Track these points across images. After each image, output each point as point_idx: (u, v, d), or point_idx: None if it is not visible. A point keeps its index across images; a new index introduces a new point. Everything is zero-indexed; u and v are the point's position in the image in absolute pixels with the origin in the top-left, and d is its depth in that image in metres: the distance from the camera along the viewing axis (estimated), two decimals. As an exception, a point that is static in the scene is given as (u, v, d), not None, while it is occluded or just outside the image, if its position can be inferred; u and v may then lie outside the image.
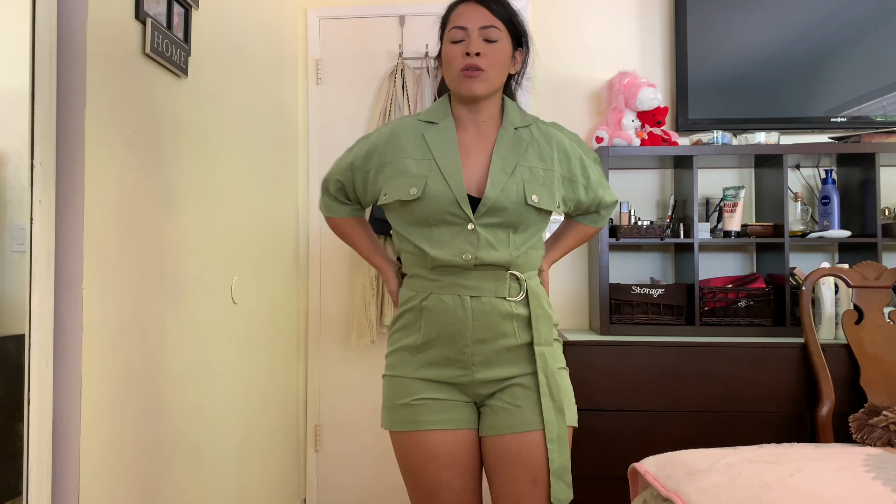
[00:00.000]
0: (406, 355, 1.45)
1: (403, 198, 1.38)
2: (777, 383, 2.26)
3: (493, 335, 1.40)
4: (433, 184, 1.38)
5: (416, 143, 1.44)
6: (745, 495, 1.37)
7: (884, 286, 2.18)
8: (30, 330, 1.35)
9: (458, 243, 1.38)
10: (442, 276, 1.41)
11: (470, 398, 1.44)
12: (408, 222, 1.43)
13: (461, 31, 1.40)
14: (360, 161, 1.50)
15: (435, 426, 1.40)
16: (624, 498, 2.26)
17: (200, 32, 1.98)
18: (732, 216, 2.52)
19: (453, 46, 1.41)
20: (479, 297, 1.39)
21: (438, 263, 1.39)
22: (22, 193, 1.37)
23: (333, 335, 2.95)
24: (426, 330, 1.42)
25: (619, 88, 2.63)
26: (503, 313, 1.40)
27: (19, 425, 1.34)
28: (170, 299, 1.81)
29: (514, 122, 1.47)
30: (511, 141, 1.44)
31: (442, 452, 1.40)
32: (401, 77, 2.84)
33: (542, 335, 1.42)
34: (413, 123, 1.48)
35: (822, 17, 2.67)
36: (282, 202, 2.73)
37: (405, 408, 1.42)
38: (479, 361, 1.40)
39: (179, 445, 1.85)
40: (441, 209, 1.38)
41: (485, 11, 1.40)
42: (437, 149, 1.42)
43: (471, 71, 1.38)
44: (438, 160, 1.40)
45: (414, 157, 1.42)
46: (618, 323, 2.49)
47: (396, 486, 2.91)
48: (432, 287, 1.41)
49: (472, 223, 1.38)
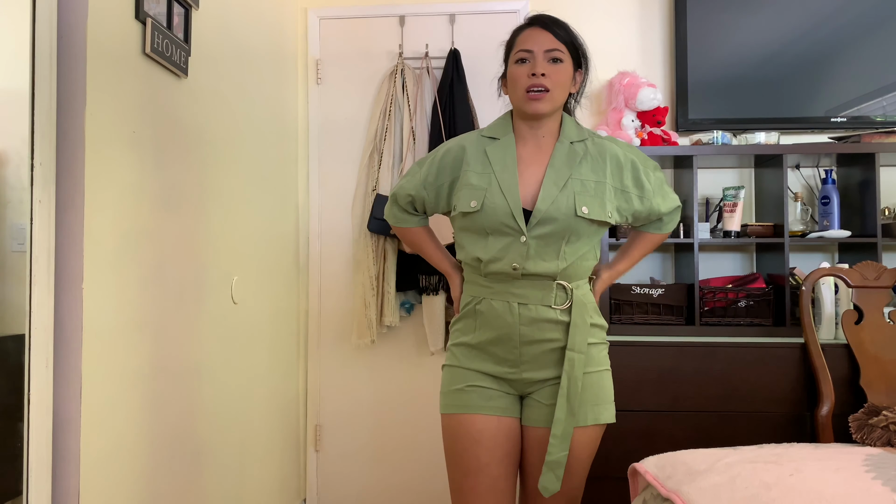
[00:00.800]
0: (464, 349, 1.59)
1: (465, 210, 1.52)
2: (777, 383, 2.26)
3: (539, 339, 1.52)
4: (491, 196, 1.50)
5: (478, 157, 1.56)
6: (745, 495, 1.37)
7: (884, 286, 2.18)
8: (30, 330, 1.35)
9: (509, 254, 1.50)
10: (494, 283, 1.54)
11: (516, 391, 1.58)
12: (467, 232, 1.56)
13: (527, 52, 1.51)
14: (432, 177, 1.61)
15: (482, 411, 1.54)
16: (624, 498, 2.26)
17: (200, 32, 1.98)
18: (732, 216, 2.52)
19: (519, 67, 1.52)
20: (527, 304, 1.52)
21: (490, 271, 1.52)
22: (22, 193, 1.37)
23: (333, 335, 2.95)
24: (480, 331, 1.56)
25: (618, 88, 2.63)
26: (548, 320, 1.52)
27: (19, 425, 1.35)
28: (170, 299, 1.81)
29: (570, 137, 1.56)
30: (566, 154, 1.54)
31: (486, 437, 1.53)
32: (401, 77, 2.84)
33: (576, 342, 1.51)
34: (476, 139, 1.60)
35: (822, 17, 2.67)
36: (282, 202, 2.73)
37: (457, 393, 1.56)
38: (526, 361, 1.54)
39: (179, 445, 1.85)
40: (498, 220, 1.50)
41: (549, 36, 1.50)
42: (497, 163, 1.54)
43: (535, 92, 1.49)
44: (497, 174, 1.52)
45: (476, 171, 1.55)
46: (618, 323, 2.49)
47: (396, 486, 2.91)
48: (485, 293, 1.55)
49: (524, 236, 1.49)
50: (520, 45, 1.52)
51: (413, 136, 2.81)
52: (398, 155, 2.84)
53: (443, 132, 2.74)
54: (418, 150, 2.81)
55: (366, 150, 2.87)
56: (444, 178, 1.60)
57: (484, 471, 1.52)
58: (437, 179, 1.61)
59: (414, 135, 2.81)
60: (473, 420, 1.53)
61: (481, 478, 1.52)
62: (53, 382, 1.42)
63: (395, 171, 2.83)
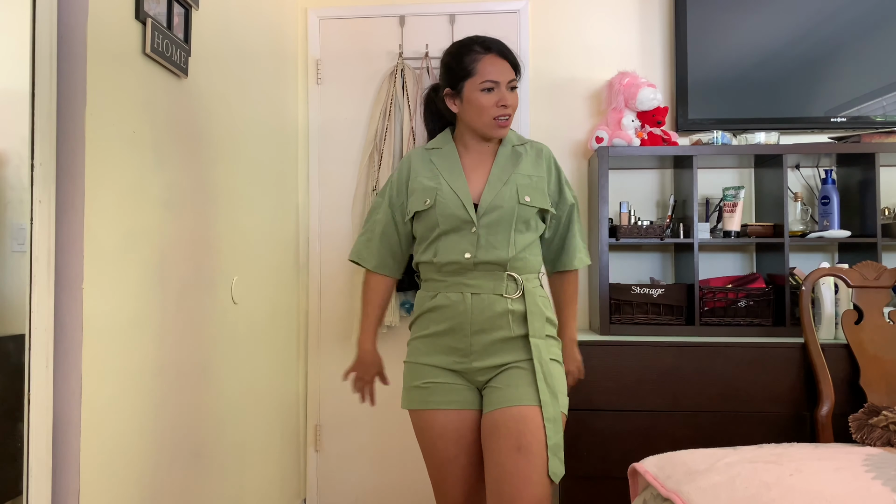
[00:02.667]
0: (419, 344, 1.69)
1: (419, 208, 1.65)
2: (777, 383, 2.26)
3: (490, 328, 1.61)
4: (442, 194, 1.64)
5: (425, 165, 1.71)
6: (745, 495, 1.37)
7: (883, 286, 2.19)
8: (30, 330, 1.35)
9: (462, 245, 1.62)
10: (448, 276, 1.64)
11: (472, 383, 1.65)
12: (424, 230, 1.68)
13: (493, 83, 1.62)
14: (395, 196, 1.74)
15: (441, 406, 1.62)
16: (624, 498, 2.26)
17: (200, 32, 1.98)
18: (732, 216, 2.52)
19: (486, 95, 1.62)
20: (479, 293, 1.62)
21: (445, 262, 1.63)
22: (22, 193, 1.37)
23: (333, 335, 2.95)
24: (435, 323, 1.65)
25: (618, 88, 2.62)
26: (500, 309, 1.60)
27: (19, 425, 1.35)
28: (170, 299, 1.81)
29: (512, 142, 1.73)
30: (509, 156, 1.70)
31: (450, 430, 1.62)
32: (401, 77, 2.84)
33: (535, 329, 1.61)
34: (421, 152, 1.75)
35: (822, 17, 2.67)
36: (282, 202, 2.73)
37: (418, 389, 1.65)
38: (476, 351, 1.62)
39: (179, 445, 1.85)
40: (449, 212, 1.62)
41: (508, 67, 1.65)
42: (443, 168, 1.69)
43: (503, 120, 1.64)
44: (445, 176, 1.67)
45: (424, 176, 1.69)
46: (618, 323, 2.49)
47: (396, 486, 2.91)
48: (440, 287, 1.66)
49: (474, 226, 1.61)
50: (485, 75, 1.62)
51: (413, 136, 2.81)
52: (398, 155, 2.84)
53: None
54: (418, 150, 2.81)
55: (366, 150, 2.87)
56: (403, 193, 1.73)
57: (454, 461, 1.62)
58: (400, 196, 1.73)
59: (414, 135, 2.81)
60: (436, 416, 1.62)
61: (451, 468, 1.62)
62: (53, 382, 1.42)
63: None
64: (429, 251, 1.67)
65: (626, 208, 2.62)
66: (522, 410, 1.54)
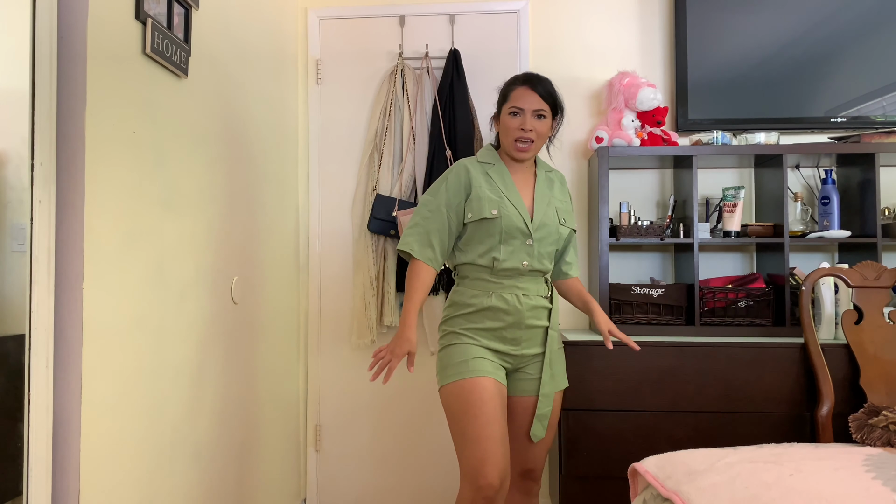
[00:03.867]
0: (471, 333, 1.89)
1: (486, 216, 1.87)
2: (777, 383, 2.26)
3: (535, 323, 1.91)
4: (506, 207, 1.88)
5: (482, 177, 1.93)
6: (745, 495, 1.37)
7: (883, 286, 2.19)
8: (30, 330, 1.35)
9: (520, 254, 1.89)
10: (504, 279, 1.89)
11: (511, 365, 1.93)
12: (480, 236, 1.90)
13: (518, 109, 1.88)
14: (454, 199, 1.92)
15: (490, 375, 1.85)
16: (624, 498, 2.26)
17: (200, 32, 1.98)
18: (732, 216, 2.52)
19: (512, 118, 1.90)
20: (528, 295, 1.90)
21: (503, 268, 1.88)
22: (22, 193, 1.37)
23: (333, 335, 2.95)
24: (490, 319, 1.88)
25: (618, 88, 2.63)
26: (542, 306, 1.93)
27: (19, 425, 1.35)
28: (170, 299, 1.81)
29: (544, 168, 2.02)
30: (545, 181, 1.99)
31: (494, 395, 1.83)
32: (401, 77, 2.84)
33: (554, 322, 1.95)
34: (474, 163, 1.96)
35: (822, 17, 2.67)
36: (282, 202, 2.73)
37: (465, 363, 1.85)
38: (525, 340, 1.91)
39: (179, 445, 1.85)
40: (513, 226, 1.87)
41: (537, 97, 1.88)
42: (500, 183, 1.92)
43: (523, 144, 1.89)
44: (504, 191, 1.91)
45: (485, 187, 1.91)
46: (618, 323, 2.49)
47: (396, 486, 2.91)
48: (494, 288, 1.89)
49: (531, 239, 1.89)
50: (513, 102, 1.89)
51: (413, 136, 2.81)
52: (398, 155, 2.84)
53: (443, 132, 2.74)
54: (418, 150, 2.81)
55: (366, 151, 2.87)
56: (460, 196, 1.92)
57: (498, 421, 1.81)
58: (456, 198, 1.92)
59: (414, 135, 2.81)
60: (485, 382, 1.83)
61: (497, 427, 1.80)
62: (53, 382, 1.42)
63: (395, 171, 2.83)
64: (486, 256, 1.89)
65: (626, 208, 2.62)
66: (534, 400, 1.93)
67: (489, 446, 1.76)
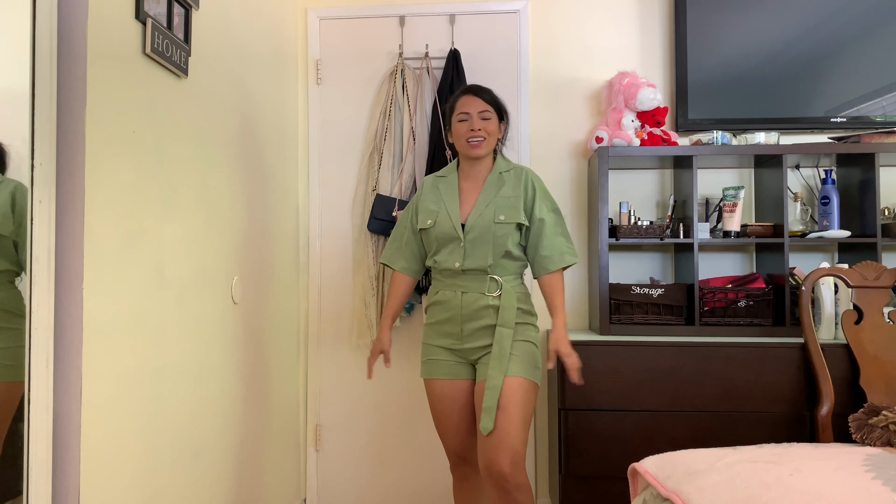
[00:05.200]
0: (428, 329, 2.15)
1: (423, 226, 2.12)
2: (777, 383, 2.26)
3: (477, 317, 2.04)
4: (441, 217, 2.08)
5: (432, 191, 2.16)
6: (745, 495, 1.37)
7: (883, 286, 2.19)
8: (30, 330, 1.35)
9: (453, 255, 2.06)
10: (446, 278, 2.10)
11: (465, 360, 2.09)
12: (428, 242, 2.14)
13: (465, 114, 2.07)
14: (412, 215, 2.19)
15: (440, 376, 2.10)
16: (624, 498, 2.26)
17: (200, 32, 1.98)
18: (732, 216, 2.53)
19: (461, 124, 2.08)
20: (468, 292, 2.05)
21: (442, 268, 2.09)
22: (22, 193, 1.37)
23: (333, 335, 2.95)
24: (437, 313, 2.11)
25: (618, 88, 2.63)
26: (483, 304, 2.03)
27: (19, 425, 1.35)
28: (170, 299, 1.81)
29: (500, 169, 2.12)
30: (496, 181, 2.10)
31: (446, 395, 2.10)
32: (401, 77, 2.84)
33: (504, 319, 2.01)
34: (432, 179, 2.19)
35: (822, 17, 2.67)
36: (282, 202, 2.73)
37: (427, 363, 2.13)
38: (467, 335, 2.05)
39: (179, 445, 1.85)
40: (444, 231, 2.07)
41: (480, 101, 2.08)
42: (444, 193, 2.13)
43: (475, 141, 2.06)
44: (445, 200, 2.11)
45: (430, 199, 2.14)
46: (618, 323, 2.49)
47: (396, 486, 2.91)
48: (441, 286, 2.11)
49: (462, 241, 2.04)
50: (460, 108, 2.09)
51: (413, 136, 2.81)
52: (398, 155, 2.84)
53: (443, 132, 2.74)
54: (418, 150, 2.81)
55: (366, 151, 2.87)
56: (415, 213, 2.17)
57: (449, 418, 2.10)
58: (414, 215, 2.18)
59: (414, 135, 2.81)
60: (436, 383, 2.10)
61: (448, 423, 2.11)
62: (53, 382, 1.42)
63: (395, 171, 2.83)
64: (431, 258, 2.12)
65: (626, 208, 2.62)
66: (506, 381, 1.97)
67: (444, 437, 2.13)
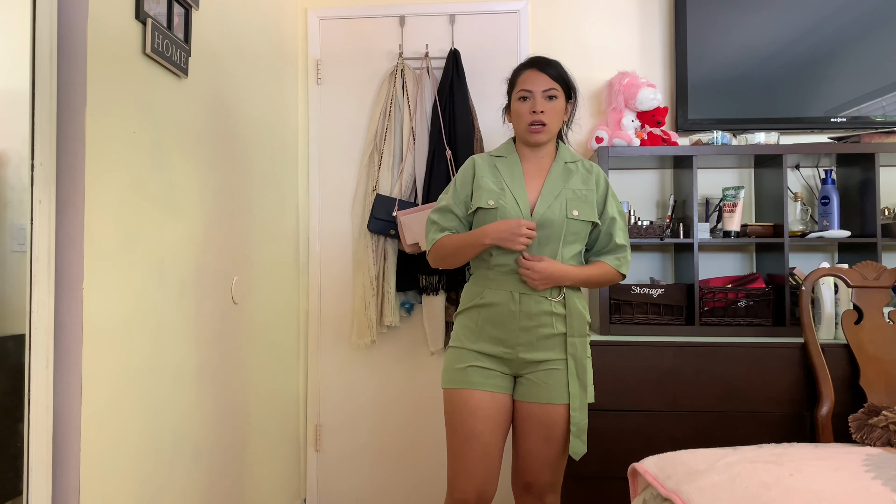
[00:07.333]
0: (467, 332, 1.85)
1: (483, 206, 1.81)
2: (777, 383, 2.26)
3: (536, 325, 1.79)
4: (505, 199, 1.81)
5: (489, 169, 1.88)
6: (745, 495, 1.37)
7: (883, 286, 2.19)
8: (30, 330, 1.35)
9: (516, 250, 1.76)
10: (500, 275, 1.81)
11: (511, 371, 1.83)
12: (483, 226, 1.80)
13: (528, 92, 1.81)
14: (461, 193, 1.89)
15: (479, 387, 1.80)
16: (624, 498, 2.26)
17: (200, 32, 1.98)
18: (732, 216, 2.52)
19: (521, 104, 1.83)
20: (527, 294, 1.79)
21: (497, 263, 1.80)
22: (22, 193, 1.37)
23: (333, 335, 2.95)
24: (484, 317, 1.82)
25: (618, 88, 2.63)
26: (545, 309, 1.79)
27: (19, 425, 1.35)
28: (170, 299, 1.81)
29: (564, 158, 1.89)
30: (561, 171, 1.86)
31: (482, 409, 1.79)
32: (401, 77, 2.84)
33: (574, 329, 1.81)
34: (485, 157, 1.93)
35: (822, 17, 2.67)
36: (282, 202, 2.73)
37: (460, 371, 1.82)
38: (521, 343, 1.80)
39: (179, 445, 1.85)
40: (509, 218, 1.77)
41: (545, 77, 1.81)
42: (506, 175, 1.86)
43: (536, 126, 1.81)
44: (508, 183, 1.84)
45: (489, 178, 1.85)
46: (618, 323, 2.49)
47: (396, 486, 2.91)
48: (490, 284, 1.82)
49: None
50: (521, 85, 1.83)
51: (413, 136, 2.81)
52: (398, 155, 2.84)
53: (443, 132, 2.74)
54: (418, 150, 2.81)
55: (366, 151, 2.87)
56: (467, 188, 1.89)
57: (479, 437, 1.78)
58: (464, 191, 1.89)
59: (414, 135, 2.81)
60: (471, 395, 1.80)
61: (476, 444, 1.78)
62: (53, 382, 1.42)
63: (395, 171, 2.83)
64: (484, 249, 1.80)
65: (626, 208, 2.62)
66: (556, 408, 1.80)
67: (465, 463, 1.78)
